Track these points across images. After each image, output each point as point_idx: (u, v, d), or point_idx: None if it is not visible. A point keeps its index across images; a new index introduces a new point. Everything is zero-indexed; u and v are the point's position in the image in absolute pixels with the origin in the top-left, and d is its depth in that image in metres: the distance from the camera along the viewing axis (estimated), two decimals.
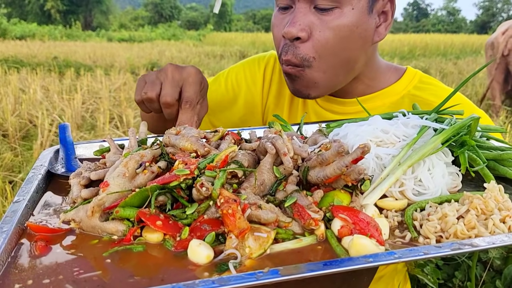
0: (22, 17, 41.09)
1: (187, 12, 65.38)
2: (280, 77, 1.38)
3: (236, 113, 1.39)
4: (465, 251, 0.59)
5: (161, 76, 0.99)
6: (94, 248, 0.63)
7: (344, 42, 1.09)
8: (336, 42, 1.08)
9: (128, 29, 41.02)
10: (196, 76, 1.00)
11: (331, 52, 1.09)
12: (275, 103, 1.38)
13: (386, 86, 1.25)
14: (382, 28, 1.17)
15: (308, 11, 1.07)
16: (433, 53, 17.93)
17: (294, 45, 1.08)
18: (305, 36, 1.07)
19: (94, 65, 11.75)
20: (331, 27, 1.07)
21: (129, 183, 0.71)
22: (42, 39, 22.64)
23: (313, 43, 1.08)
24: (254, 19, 64.25)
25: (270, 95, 1.39)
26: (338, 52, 1.10)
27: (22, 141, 5.25)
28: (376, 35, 1.16)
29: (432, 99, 1.19)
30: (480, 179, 0.85)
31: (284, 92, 1.37)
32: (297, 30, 1.06)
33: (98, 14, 48.02)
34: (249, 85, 1.39)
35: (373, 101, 1.24)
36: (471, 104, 1.21)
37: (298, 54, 1.08)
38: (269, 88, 1.39)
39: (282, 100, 1.37)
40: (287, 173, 0.74)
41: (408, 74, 1.27)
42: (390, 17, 1.17)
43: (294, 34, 1.06)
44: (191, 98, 0.99)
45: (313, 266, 0.55)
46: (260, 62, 1.41)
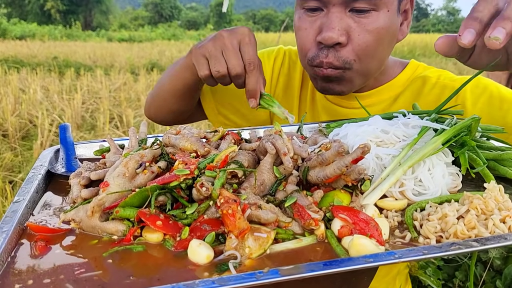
0: (22, 17, 41.09)
1: (187, 12, 65.37)
2: (289, 70, 1.39)
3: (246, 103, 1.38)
4: (465, 251, 0.59)
5: (220, 47, 1.00)
6: (94, 248, 0.63)
7: (381, 44, 1.11)
8: (374, 44, 1.09)
9: (128, 29, 41.03)
10: (250, 35, 1.01)
11: (370, 54, 1.10)
12: (282, 95, 1.38)
13: (391, 78, 1.27)
14: (404, 26, 1.20)
15: (343, 15, 1.07)
16: (433, 53, 17.91)
17: (334, 49, 1.09)
18: (345, 41, 1.07)
19: (94, 65, 11.76)
20: (370, 30, 1.07)
21: (129, 183, 0.71)
22: (42, 39, 22.64)
23: (353, 47, 1.08)
24: (254, 19, 64.24)
25: (277, 87, 1.39)
26: (376, 53, 1.12)
27: (22, 141, 5.26)
28: (400, 34, 1.19)
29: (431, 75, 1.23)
30: (480, 179, 0.85)
31: (292, 84, 1.37)
32: (337, 35, 1.06)
33: (98, 14, 48.02)
34: None
35: (380, 95, 1.26)
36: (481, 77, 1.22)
37: (340, 57, 1.09)
38: (277, 80, 1.39)
39: (291, 93, 1.37)
40: (287, 173, 0.74)
41: (411, 66, 1.29)
42: (410, 15, 1.20)
43: (335, 40, 1.06)
44: (253, 59, 1.00)
45: (313, 266, 0.55)
46: (269, 55, 1.42)
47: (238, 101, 1.38)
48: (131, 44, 21.60)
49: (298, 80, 1.37)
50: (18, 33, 24.51)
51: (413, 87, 1.24)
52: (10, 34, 24.13)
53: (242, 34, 1.01)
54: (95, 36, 28.79)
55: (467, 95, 1.17)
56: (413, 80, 1.26)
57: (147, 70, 11.30)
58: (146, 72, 10.77)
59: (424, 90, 1.23)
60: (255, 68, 0.99)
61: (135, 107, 6.69)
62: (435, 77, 1.23)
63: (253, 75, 0.99)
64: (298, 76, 1.38)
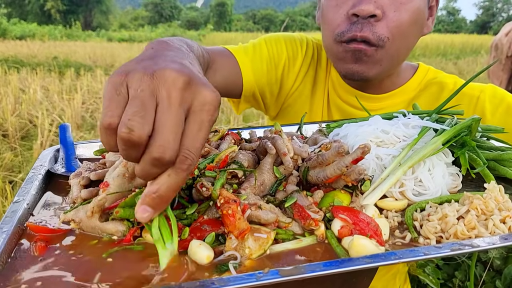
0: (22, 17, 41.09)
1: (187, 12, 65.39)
2: (317, 63, 1.35)
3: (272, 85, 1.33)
4: (465, 251, 0.59)
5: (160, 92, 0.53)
6: (94, 248, 0.63)
7: (414, 26, 1.10)
8: (409, 24, 1.08)
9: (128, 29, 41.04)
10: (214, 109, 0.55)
11: (403, 34, 1.09)
12: (310, 89, 1.34)
13: (404, 82, 1.27)
14: (429, 21, 1.20)
15: None
16: (433, 53, 17.93)
17: (369, 23, 1.07)
18: (380, 14, 1.06)
19: (94, 65, 11.75)
20: (406, 8, 1.07)
21: (129, 184, 0.71)
22: (42, 39, 22.64)
23: (387, 23, 1.07)
24: (254, 19, 64.24)
25: (305, 80, 1.34)
26: (408, 35, 1.11)
27: (22, 141, 5.25)
28: (426, 28, 1.18)
29: (446, 81, 1.23)
30: (480, 179, 0.85)
31: (318, 80, 1.33)
32: (374, 7, 1.04)
33: (98, 14, 48.02)
34: (290, 60, 1.34)
35: (394, 98, 1.26)
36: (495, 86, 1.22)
37: (375, 32, 1.06)
38: (306, 72, 1.35)
39: (317, 90, 1.33)
40: (287, 173, 0.74)
41: (421, 70, 1.29)
42: (434, 12, 1.20)
43: (372, 11, 1.04)
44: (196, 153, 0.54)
45: (313, 266, 0.55)
46: (302, 43, 1.36)
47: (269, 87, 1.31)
48: (131, 44, 21.60)
49: (323, 76, 1.34)
50: (18, 33, 24.51)
51: (429, 92, 1.24)
52: (10, 34, 24.13)
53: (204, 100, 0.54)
54: (95, 36, 28.79)
55: (486, 104, 1.17)
56: (428, 85, 1.26)
57: None
58: None
59: (442, 96, 1.21)
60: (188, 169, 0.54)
61: None
62: (452, 83, 1.23)
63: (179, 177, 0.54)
64: (323, 72, 1.34)
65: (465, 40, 23.34)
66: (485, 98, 1.17)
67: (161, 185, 0.54)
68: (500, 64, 6.28)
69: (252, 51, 1.29)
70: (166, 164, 0.52)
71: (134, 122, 0.50)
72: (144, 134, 0.51)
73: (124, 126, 0.50)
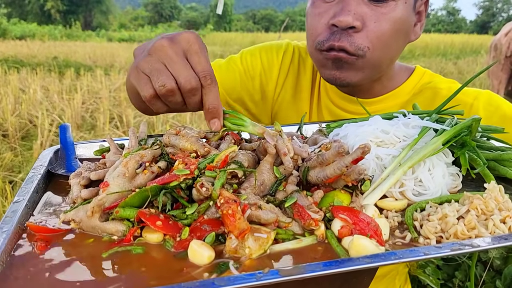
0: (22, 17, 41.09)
1: (187, 12, 65.38)
2: (298, 68, 1.35)
3: (253, 95, 1.35)
4: (465, 251, 0.59)
5: (162, 59, 0.77)
6: (94, 248, 0.63)
7: (396, 36, 1.10)
8: (390, 34, 1.08)
9: (128, 29, 41.03)
10: (198, 42, 0.79)
11: (384, 44, 1.09)
12: (292, 94, 1.34)
13: (397, 86, 1.26)
14: (417, 27, 1.19)
15: (360, 1, 1.06)
16: (433, 53, 17.93)
17: (348, 33, 1.07)
18: (360, 26, 1.05)
19: (94, 65, 11.75)
20: (387, 19, 1.06)
21: (129, 183, 0.71)
22: (42, 39, 22.63)
23: (367, 34, 1.07)
24: (254, 19, 64.23)
25: (285, 86, 1.35)
26: (390, 44, 1.10)
27: (22, 141, 5.25)
28: (413, 34, 1.18)
29: (441, 86, 1.21)
30: (481, 179, 0.85)
31: (302, 84, 1.34)
32: (352, 18, 1.04)
33: (98, 14, 48.01)
34: (265, 70, 1.35)
35: (387, 102, 1.24)
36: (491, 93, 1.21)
37: (353, 43, 1.07)
38: (285, 78, 1.36)
39: (299, 93, 1.34)
40: (287, 173, 0.74)
41: (417, 73, 1.28)
42: (423, 18, 1.19)
43: (350, 23, 1.04)
44: (208, 70, 0.77)
45: (313, 266, 0.55)
46: (278, 50, 1.38)
47: (246, 92, 1.34)
48: (131, 44, 21.60)
49: (308, 80, 1.34)
50: (18, 33, 24.51)
51: (423, 98, 1.22)
52: (10, 34, 24.12)
53: (188, 42, 0.78)
54: (95, 36, 28.79)
55: (480, 112, 1.15)
56: (421, 90, 1.24)
57: None
58: None
59: (435, 102, 1.18)
60: (212, 82, 0.77)
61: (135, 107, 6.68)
62: (446, 88, 1.21)
63: (212, 90, 0.77)
64: (308, 76, 1.34)
65: (465, 40, 23.35)
66: (479, 106, 1.16)
67: (207, 101, 0.78)
68: (499, 64, 6.29)
69: (225, 66, 1.36)
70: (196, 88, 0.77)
71: (161, 81, 0.75)
72: (172, 82, 0.75)
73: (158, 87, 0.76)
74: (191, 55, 0.78)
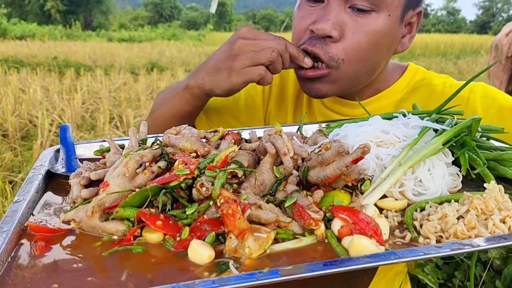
0: (22, 17, 41.10)
1: (187, 12, 65.37)
2: (281, 80, 1.35)
3: (238, 117, 1.36)
4: (465, 251, 0.59)
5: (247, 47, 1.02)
6: (94, 248, 0.63)
7: (375, 48, 1.07)
8: (368, 47, 1.05)
9: (128, 29, 41.03)
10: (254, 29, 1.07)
11: (361, 56, 1.06)
12: (277, 106, 1.35)
13: (390, 85, 1.24)
14: (406, 39, 1.16)
15: (342, 10, 1.04)
16: (433, 53, 17.94)
17: (324, 41, 1.05)
18: (337, 36, 1.03)
19: (94, 65, 11.76)
20: (366, 31, 1.04)
21: (129, 183, 0.71)
22: (42, 39, 22.64)
23: (344, 45, 1.04)
24: (254, 19, 64.24)
25: (271, 98, 1.36)
26: (367, 57, 1.07)
27: (22, 141, 5.26)
28: (400, 46, 1.15)
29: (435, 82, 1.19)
30: (480, 179, 0.85)
31: (286, 94, 1.34)
32: (330, 27, 1.02)
33: (98, 14, 48.01)
34: (249, 88, 1.34)
35: (379, 101, 1.23)
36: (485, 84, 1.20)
37: (328, 52, 1.05)
38: (270, 91, 1.36)
39: (285, 104, 1.34)
40: (287, 173, 0.74)
41: (409, 71, 1.26)
42: (414, 30, 1.16)
43: (327, 32, 1.02)
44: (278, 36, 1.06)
45: (313, 266, 0.55)
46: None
47: (231, 116, 1.35)
48: (131, 44, 21.61)
49: (292, 89, 1.34)
50: (18, 33, 24.50)
51: (418, 96, 1.20)
52: (10, 34, 24.12)
53: (248, 31, 1.05)
54: (95, 36, 28.78)
55: (477, 105, 1.14)
56: (416, 87, 1.22)
57: (147, 70, 11.29)
58: (146, 72, 10.77)
59: (431, 100, 1.18)
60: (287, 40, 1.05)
61: (135, 107, 6.69)
62: (441, 84, 1.19)
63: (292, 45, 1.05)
64: (291, 85, 1.34)
65: (465, 40, 23.35)
66: (476, 99, 1.14)
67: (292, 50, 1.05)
68: (500, 65, 6.30)
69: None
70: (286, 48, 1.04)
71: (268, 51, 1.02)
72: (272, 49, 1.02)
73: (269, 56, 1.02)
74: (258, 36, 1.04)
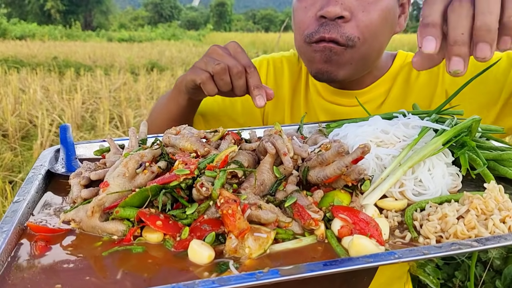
0: (22, 17, 41.10)
1: (187, 12, 65.40)
2: (275, 79, 1.37)
3: (236, 119, 1.37)
4: (465, 251, 0.59)
5: (214, 55, 1.00)
6: (94, 248, 0.63)
7: (384, 26, 1.10)
8: (378, 23, 1.08)
9: (128, 29, 41.05)
10: (239, 47, 1.03)
11: (374, 34, 1.08)
12: (273, 106, 1.36)
13: (384, 72, 1.27)
14: (402, 19, 1.19)
15: None
16: None
17: (337, 24, 1.06)
18: (348, 16, 1.05)
19: (94, 65, 11.76)
20: (375, 9, 1.07)
21: (129, 183, 0.71)
22: (42, 39, 22.64)
23: (357, 23, 1.06)
24: (254, 19, 64.26)
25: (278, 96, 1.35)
26: (379, 34, 1.10)
27: (22, 141, 5.26)
28: (398, 26, 1.18)
29: None
30: (480, 179, 0.85)
31: (282, 94, 1.35)
32: (340, 8, 1.04)
33: (98, 14, 48.02)
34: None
35: (377, 89, 1.25)
36: None
37: (344, 33, 1.06)
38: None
39: (281, 103, 1.35)
40: (287, 173, 0.74)
41: (399, 57, 1.29)
42: (406, 10, 1.19)
43: (338, 13, 1.04)
44: (250, 63, 1.00)
45: (313, 266, 0.55)
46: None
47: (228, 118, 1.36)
48: (131, 44, 21.61)
49: (287, 87, 1.35)
50: (18, 33, 24.50)
51: (401, 76, 1.24)
52: (10, 34, 24.12)
53: (233, 47, 1.02)
54: (95, 36, 28.79)
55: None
56: (400, 70, 1.26)
57: (147, 70, 11.29)
58: (146, 72, 10.77)
59: (411, 76, 1.22)
60: (255, 69, 0.99)
61: (135, 107, 6.69)
62: None
63: (255, 74, 0.98)
64: (286, 83, 1.36)
65: None
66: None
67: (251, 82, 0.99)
68: None
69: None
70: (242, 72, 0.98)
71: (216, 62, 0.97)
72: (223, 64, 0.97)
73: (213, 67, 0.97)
74: (236, 54, 1.01)
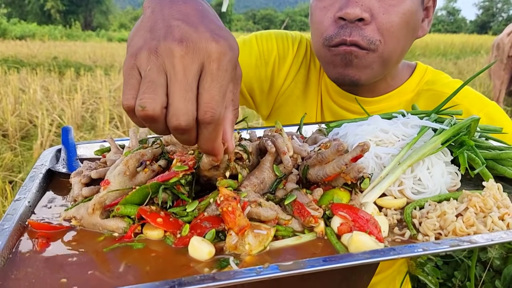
0: (22, 17, 41.08)
1: None
2: (309, 63, 1.31)
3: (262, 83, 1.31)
4: (463, 247, 0.59)
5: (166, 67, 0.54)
6: (95, 245, 0.63)
7: (405, 29, 1.07)
8: (400, 27, 1.05)
9: (128, 29, 40.97)
10: (222, 59, 0.55)
11: (395, 37, 1.05)
12: (302, 90, 1.30)
13: (401, 84, 1.23)
14: (425, 23, 1.16)
15: None
16: (433, 53, 17.92)
17: (358, 26, 1.03)
18: (368, 18, 1.02)
19: (94, 65, 11.75)
20: (396, 11, 1.03)
21: (129, 182, 0.72)
22: (42, 39, 22.63)
23: (377, 26, 1.03)
24: (254, 19, 64.20)
25: (296, 79, 1.31)
26: (400, 38, 1.07)
27: (22, 141, 5.25)
28: (421, 30, 1.15)
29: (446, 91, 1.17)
30: (479, 178, 0.85)
31: (311, 81, 1.30)
32: (360, 10, 1.01)
33: (98, 14, 48.00)
34: (280, 58, 1.30)
35: (391, 100, 1.22)
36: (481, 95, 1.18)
37: (365, 36, 1.03)
38: (297, 72, 1.31)
39: (310, 88, 1.30)
40: (287, 172, 0.75)
41: (419, 70, 1.26)
42: (431, 14, 1.16)
43: (358, 14, 1.00)
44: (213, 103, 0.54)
45: (313, 262, 0.55)
46: (294, 41, 1.32)
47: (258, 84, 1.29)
48: None
49: (316, 77, 1.30)
50: (18, 33, 24.50)
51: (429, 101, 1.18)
52: (10, 34, 24.12)
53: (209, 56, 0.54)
54: (95, 36, 28.78)
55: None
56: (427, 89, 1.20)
57: None
58: None
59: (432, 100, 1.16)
60: (213, 121, 0.55)
61: None
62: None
63: (208, 131, 0.56)
64: (317, 73, 1.30)
65: (465, 40, 23.35)
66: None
67: (202, 143, 0.58)
68: (501, 64, 6.32)
69: (242, 46, 1.26)
70: (186, 128, 0.54)
71: (145, 99, 0.53)
72: (157, 108, 0.53)
73: (137, 105, 0.53)
74: (204, 76, 0.54)
